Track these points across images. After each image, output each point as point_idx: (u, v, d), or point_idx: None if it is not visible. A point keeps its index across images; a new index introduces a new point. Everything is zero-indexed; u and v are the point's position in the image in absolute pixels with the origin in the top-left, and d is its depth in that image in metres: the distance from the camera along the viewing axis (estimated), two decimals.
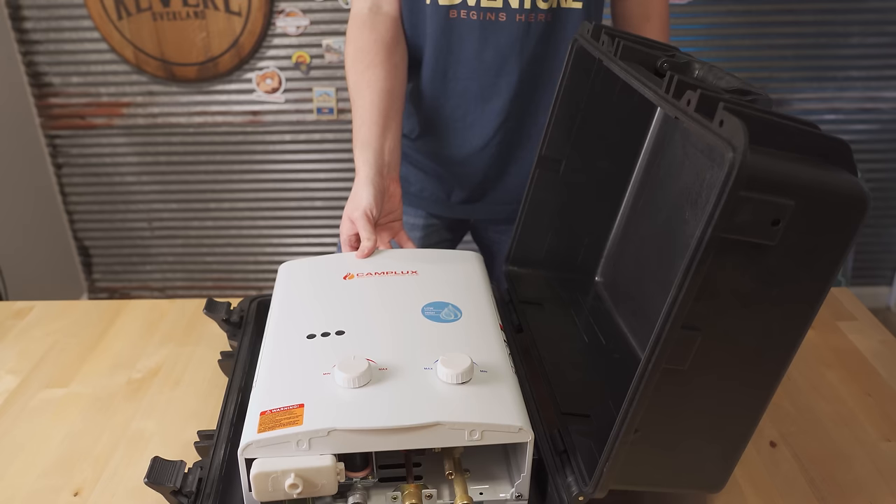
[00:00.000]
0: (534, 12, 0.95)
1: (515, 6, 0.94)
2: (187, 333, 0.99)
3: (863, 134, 2.24)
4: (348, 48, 0.99)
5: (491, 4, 0.94)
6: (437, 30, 0.97)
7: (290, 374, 0.63)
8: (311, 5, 2.12)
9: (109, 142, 2.32)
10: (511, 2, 0.94)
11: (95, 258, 2.52)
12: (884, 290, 2.49)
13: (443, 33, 0.97)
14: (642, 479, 0.60)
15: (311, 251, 2.46)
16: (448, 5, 0.95)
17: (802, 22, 2.10)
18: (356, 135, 0.95)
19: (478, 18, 0.95)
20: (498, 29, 0.96)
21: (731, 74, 0.61)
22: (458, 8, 0.95)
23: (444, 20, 0.96)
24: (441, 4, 0.95)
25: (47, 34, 2.18)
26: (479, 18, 0.95)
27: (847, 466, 0.76)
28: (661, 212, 0.81)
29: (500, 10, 0.95)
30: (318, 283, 0.77)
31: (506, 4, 0.95)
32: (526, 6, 0.95)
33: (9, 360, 0.94)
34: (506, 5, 0.95)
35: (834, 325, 1.00)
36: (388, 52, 0.98)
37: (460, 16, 0.96)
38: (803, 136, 0.49)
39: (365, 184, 0.89)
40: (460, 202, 1.12)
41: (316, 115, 2.25)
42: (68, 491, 0.73)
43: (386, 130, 0.94)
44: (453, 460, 0.62)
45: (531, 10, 0.95)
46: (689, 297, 0.49)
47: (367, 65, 0.96)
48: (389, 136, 0.95)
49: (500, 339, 0.69)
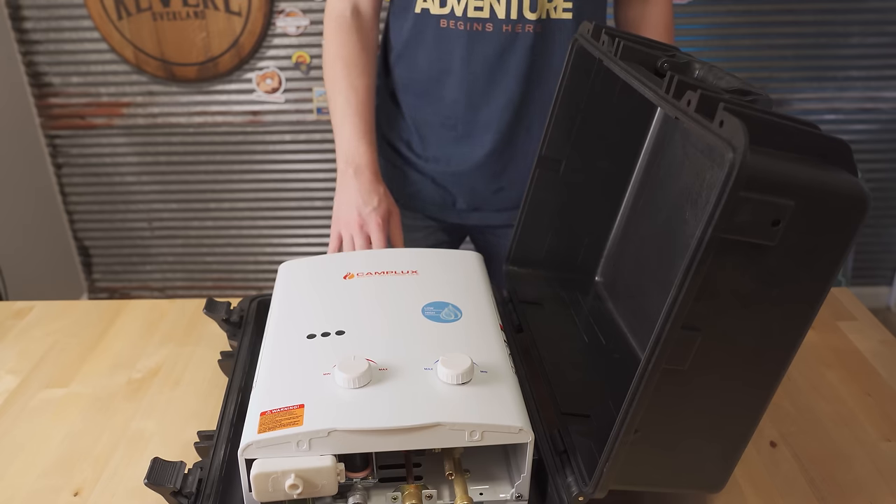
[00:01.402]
0: (521, 23, 0.95)
1: (502, 16, 0.95)
2: (187, 333, 0.99)
3: (863, 134, 2.24)
4: (333, 48, 1.01)
5: (477, 15, 0.95)
6: (430, 38, 0.98)
7: (290, 374, 0.63)
8: (311, 5, 2.12)
9: (109, 142, 2.32)
10: (497, 12, 0.94)
11: (95, 258, 2.52)
12: (884, 290, 2.49)
13: (434, 42, 0.98)
14: (642, 480, 0.60)
15: (311, 251, 2.46)
16: (439, 15, 0.96)
17: (802, 22, 2.10)
18: (346, 130, 0.99)
19: (465, 29, 0.96)
20: (484, 39, 0.96)
21: (731, 74, 0.61)
22: (448, 18, 0.96)
23: (436, 29, 0.97)
24: (432, 14, 0.96)
25: (47, 34, 2.18)
26: (466, 29, 0.96)
27: (847, 466, 0.76)
28: (661, 212, 0.81)
29: (486, 21, 0.95)
30: (318, 283, 0.77)
31: (492, 15, 0.95)
32: (513, 16, 0.95)
33: (9, 360, 0.94)
34: (492, 16, 0.95)
35: (834, 325, 1.00)
36: (371, 56, 1.02)
37: (449, 26, 0.96)
38: (803, 137, 0.49)
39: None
40: (455, 210, 1.13)
41: (316, 115, 2.25)
42: (68, 491, 0.73)
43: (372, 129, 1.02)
44: (453, 461, 0.62)
45: (518, 21, 0.95)
46: (689, 298, 0.49)
47: (360, 72, 1.00)
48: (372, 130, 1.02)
49: (500, 339, 0.69)
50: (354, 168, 0.98)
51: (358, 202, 0.97)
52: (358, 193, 0.97)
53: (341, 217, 0.99)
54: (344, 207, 0.98)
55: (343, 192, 0.99)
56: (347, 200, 0.98)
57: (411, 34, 1.00)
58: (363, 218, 0.96)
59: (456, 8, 0.95)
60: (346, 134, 0.99)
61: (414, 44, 1.01)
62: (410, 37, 1.00)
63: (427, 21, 0.97)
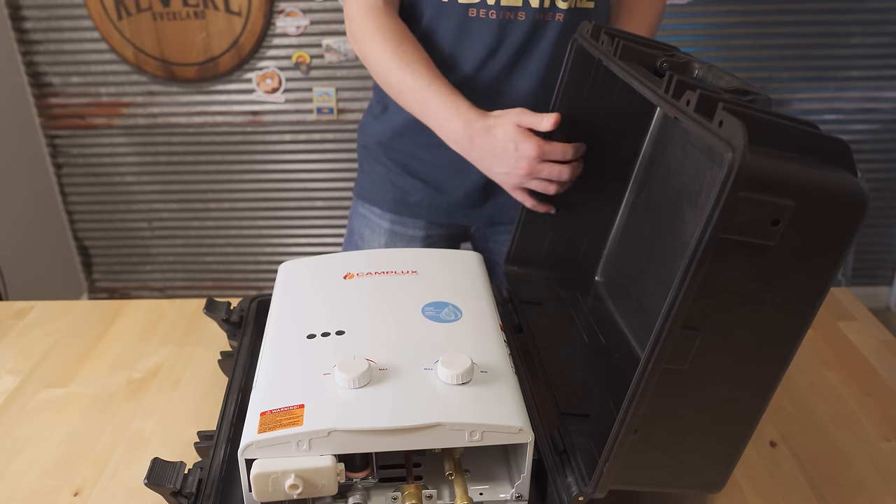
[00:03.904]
0: (552, 11, 0.95)
1: (535, 5, 0.94)
2: (187, 333, 0.99)
3: (863, 134, 2.24)
4: (380, 34, 0.94)
5: (511, 3, 0.94)
6: (454, 27, 0.97)
7: (290, 374, 0.63)
8: (311, 5, 2.12)
9: (109, 142, 2.32)
10: (531, 1, 0.94)
11: (95, 258, 2.52)
12: (884, 290, 2.49)
13: (459, 31, 0.97)
14: (642, 479, 0.60)
15: (311, 251, 2.46)
16: (467, 3, 0.95)
17: (802, 22, 2.10)
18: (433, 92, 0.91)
19: (497, 18, 0.95)
20: (515, 28, 0.96)
21: (730, 74, 0.61)
22: (478, 7, 0.95)
23: (463, 18, 0.96)
24: (460, 3, 0.95)
25: (47, 34, 2.18)
26: (499, 17, 0.95)
27: (847, 466, 0.76)
28: (660, 212, 0.81)
29: (519, 9, 0.95)
30: (318, 282, 0.77)
31: (525, 3, 0.94)
32: (545, 5, 0.95)
33: (9, 360, 0.94)
34: (525, 4, 0.94)
35: (834, 325, 1.00)
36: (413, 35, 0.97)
37: (479, 15, 0.95)
38: (803, 136, 0.49)
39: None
40: (462, 207, 1.12)
41: (316, 115, 2.25)
42: (68, 491, 0.73)
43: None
44: (453, 461, 0.62)
45: (549, 9, 0.95)
46: (688, 298, 0.49)
47: (413, 46, 0.95)
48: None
49: (500, 339, 0.69)
50: (470, 134, 0.89)
51: (510, 153, 0.85)
52: (501, 149, 0.86)
53: (505, 181, 0.89)
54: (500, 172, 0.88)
55: (486, 157, 0.89)
56: (501, 163, 0.87)
57: (431, 24, 0.98)
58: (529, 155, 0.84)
59: None
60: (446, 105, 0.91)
61: (432, 33, 0.98)
62: (430, 26, 0.98)
63: (452, 9, 0.95)
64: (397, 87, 0.95)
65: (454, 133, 0.91)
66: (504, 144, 0.86)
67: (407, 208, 1.11)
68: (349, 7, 0.99)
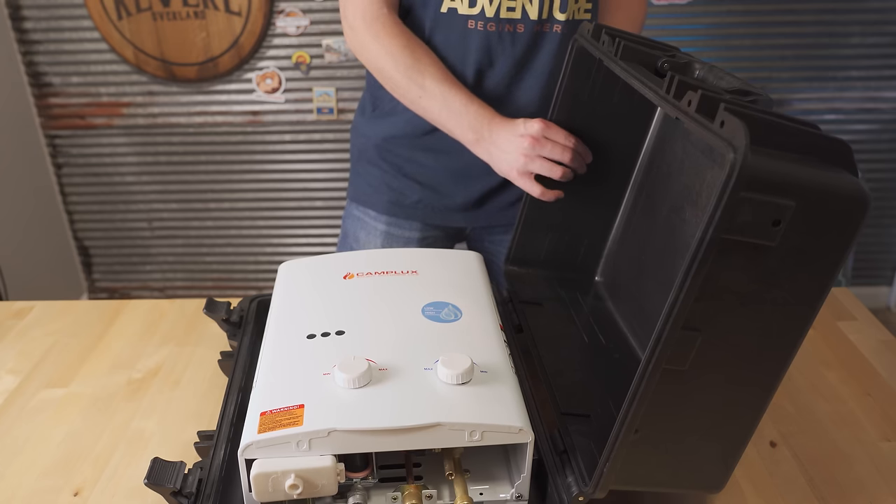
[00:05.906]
0: (550, 23, 0.96)
1: (534, 17, 0.95)
2: (187, 333, 0.99)
3: (863, 134, 2.24)
4: (395, 40, 0.96)
5: (510, 15, 0.94)
6: (453, 39, 0.97)
7: (290, 374, 0.63)
8: (311, 5, 2.11)
9: (109, 142, 2.32)
10: (530, 12, 0.94)
11: (95, 258, 2.52)
12: (884, 290, 2.49)
13: (458, 42, 0.97)
14: (642, 479, 0.60)
15: (311, 251, 2.46)
16: (466, 15, 0.95)
17: (802, 22, 2.10)
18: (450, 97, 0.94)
19: (496, 30, 0.95)
20: (514, 40, 0.96)
21: (731, 75, 0.61)
22: (477, 19, 0.95)
23: (462, 30, 0.96)
24: (460, 14, 0.95)
25: (47, 34, 2.18)
26: (498, 29, 0.95)
27: (847, 466, 0.76)
28: (661, 212, 0.81)
29: (518, 22, 0.95)
30: (318, 283, 0.77)
31: (524, 15, 0.95)
32: (544, 16, 0.95)
33: (9, 360, 0.94)
34: (524, 16, 0.95)
35: (834, 325, 1.00)
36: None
37: (478, 27, 0.95)
38: (803, 137, 0.49)
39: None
40: (459, 210, 1.12)
41: (316, 115, 2.25)
42: (68, 491, 0.73)
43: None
44: (453, 461, 0.62)
45: (547, 21, 0.95)
46: (689, 298, 0.49)
47: (425, 51, 0.96)
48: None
49: (500, 339, 0.69)
50: (477, 136, 0.93)
51: (518, 127, 0.89)
52: (509, 129, 0.90)
53: (512, 164, 0.90)
54: (507, 158, 0.91)
55: (496, 153, 0.92)
56: (508, 143, 0.90)
57: (430, 35, 0.98)
58: (534, 128, 0.87)
59: (487, 9, 0.94)
60: (458, 106, 0.94)
61: (432, 44, 0.99)
62: (429, 37, 0.98)
63: (452, 21, 0.96)
64: (416, 92, 0.96)
65: (470, 130, 0.94)
66: (513, 125, 0.90)
67: (403, 210, 1.11)
68: (351, 17, 0.98)
